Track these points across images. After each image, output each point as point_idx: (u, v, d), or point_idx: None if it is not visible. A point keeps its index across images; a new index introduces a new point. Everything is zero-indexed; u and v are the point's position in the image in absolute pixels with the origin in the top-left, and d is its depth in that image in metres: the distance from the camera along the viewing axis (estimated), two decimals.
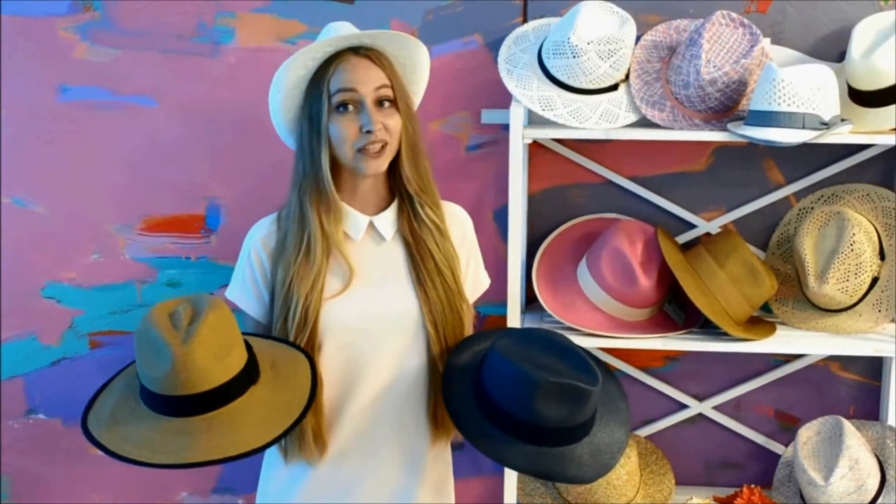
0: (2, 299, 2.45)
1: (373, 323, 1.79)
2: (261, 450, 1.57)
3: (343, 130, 1.74)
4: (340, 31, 1.80)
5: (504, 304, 2.13)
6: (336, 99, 1.75)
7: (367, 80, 1.74)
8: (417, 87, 1.91)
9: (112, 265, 2.42)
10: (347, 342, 1.79)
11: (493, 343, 1.75)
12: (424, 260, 1.82)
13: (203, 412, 1.57)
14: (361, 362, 1.80)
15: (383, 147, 1.76)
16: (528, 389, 1.65)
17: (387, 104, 1.77)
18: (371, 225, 1.83)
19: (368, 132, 1.73)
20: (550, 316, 2.19)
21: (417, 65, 1.85)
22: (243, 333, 1.71)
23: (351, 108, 1.75)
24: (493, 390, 1.71)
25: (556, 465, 1.68)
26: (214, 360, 1.56)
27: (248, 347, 1.66)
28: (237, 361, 1.61)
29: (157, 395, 1.57)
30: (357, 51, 1.77)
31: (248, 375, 1.63)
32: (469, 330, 1.91)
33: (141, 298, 2.43)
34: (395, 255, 1.84)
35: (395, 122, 1.76)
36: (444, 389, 1.79)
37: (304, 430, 1.78)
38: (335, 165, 1.80)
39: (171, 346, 1.53)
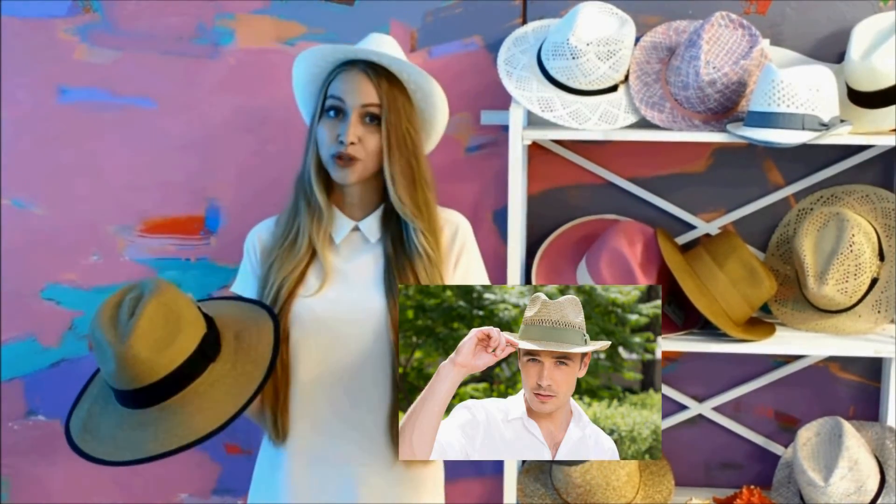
0: (1, 301, 2.45)
1: (336, 320, 1.79)
2: (217, 431, 1.57)
3: (324, 134, 1.78)
4: (375, 42, 1.84)
5: None
6: (327, 103, 1.79)
7: (355, 94, 1.76)
8: (432, 118, 1.88)
9: (112, 266, 2.42)
10: (312, 335, 1.80)
11: None
12: (402, 271, 1.79)
13: (159, 401, 1.58)
14: (326, 358, 1.81)
15: (353, 161, 1.76)
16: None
17: (374, 122, 1.77)
18: (356, 228, 1.85)
19: (341, 142, 1.75)
20: None
21: (427, 93, 1.84)
22: (215, 299, 1.75)
23: (339, 115, 1.78)
24: None
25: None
26: (157, 351, 1.56)
27: (210, 321, 1.66)
28: (188, 343, 1.60)
29: (113, 390, 1.61)
30: (360, 64, 1.78)
31: (205, 353, 1.62)
32: None
33: None
34: (373, 261, 1.83)
35: (373, 141, 1.77)
36: None
37: (265, 411, 1.81)
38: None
39: (111, 345, 1.54)
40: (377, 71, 1.78)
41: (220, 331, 1.67)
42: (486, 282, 1.94)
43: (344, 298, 1.80)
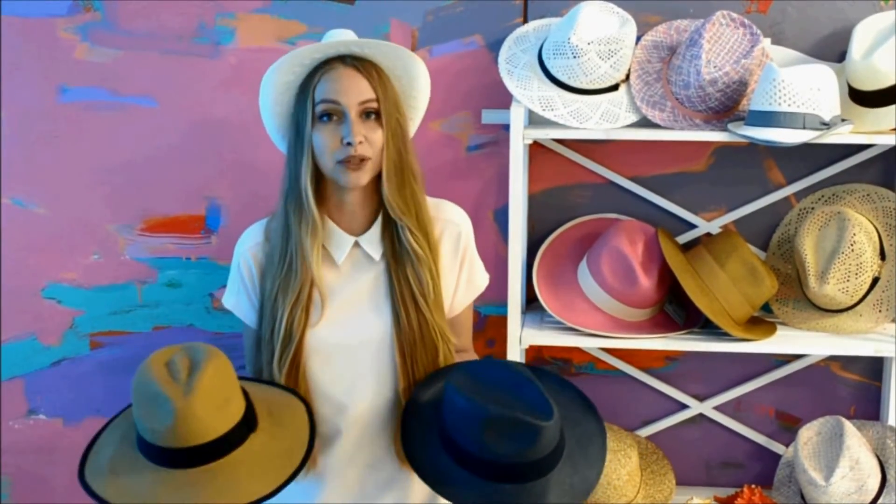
0: (2, 300, 2.45)
1: (349, 346, 1.78)
2: (266, 498, 1.57)
3: (324, 140, 1.70)
4: (338, 38, 1.76)
5: (504, 305, 2.13)
6: (319, 108, 1.71)
7: (351, 92, 1.69)
8: (417, 102, 1.84)
9: (112, 265, 2.42)
10: (329, 364, 1.78)
11: (448, 376, 1.70)
12: (402, 287, 1.77)
13: (205, 463, 1.56)
14: (342, 385, 1.79)
15: (363, 161, 1.70)
16: (476, 422, 1.59)
17: (371, 117, 1.72)
18: (356, 244, 1.80)
19: (349, 144, 1.68)
20: (551, 316, 2.19)
21: (413, 76, 1.79)
22: (239, 379, 1.72)
23: (334, 118, 1.71)
24: (449, 425, 1.66)
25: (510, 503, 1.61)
26: (215, 411, 1.56)
27: (245, 394, 1.66)
28: (237, 410, 1.60)
29: (158, 448, 1.56)
30: (345, 60, 1.72)
31: (248, 424, 1.62)
32: (444, 362, 1.84)
33: (141, 299, 2.43)
34: (376, 277, 1.80)
35: (378, 136, 1.71)
36: (403, 424, 1.75)
37: None
38: (321, 178, 1.76)
39: (172, 399, 1.52)
40: (364, 63, 1.72)
41: (254, 405, 1.67)
42: (484, 274, 1.95)
43: (352, 322, 1.78)
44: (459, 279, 1.88)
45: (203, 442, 1.55)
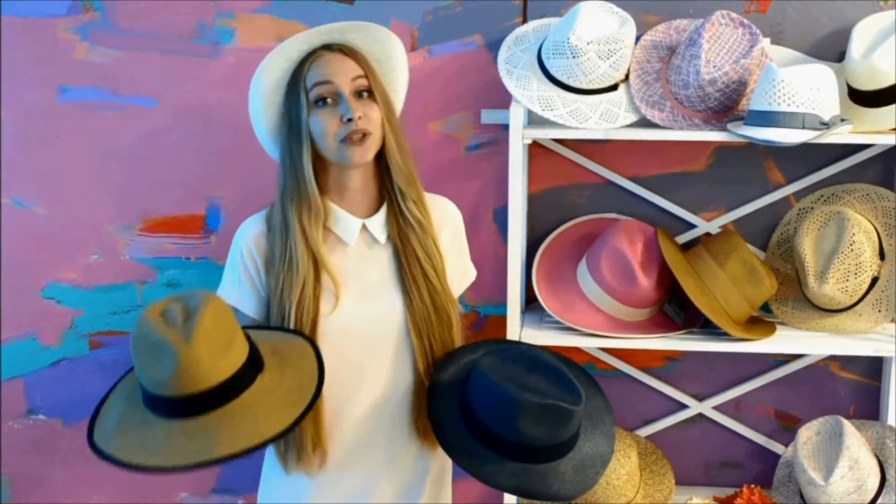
0: (2, 299, 2.45)
1: (362, 330, 1.79)
2: (285, 433, 1.55)
3: (324, 122, 1.74)
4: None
5: (504, 305, 2.13)
6: (314, 93, 1.75)
7: (342, 72, 1.75)
8: (397, 85, 1.89)
9: (112, 265, 2.42)
10: (341, 349, 1.78)
11: (477, 360, 1.74)
12: (410, 264, 1.81)
13: (216, 407, 1.53)
14: (355, 369, 1.80)
15: (365, 136, 1.74)
16: (511, 409, 1.65)
17: (365, 95, 1.77)
18: (364, 227, 1.82)
19: (349, 120, 1.72)
20: (550, 316, 2.19)
21: (392, 56, 1.84)
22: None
23: (330, 100, 1.75)
24: (478, 408, 1.71)
25: (539, 483, 1.68)
26: (218, 353, 1.52)
27: (247, 336, 1.64)
28: (240, 351, 1.57)
29: (166, 399, 1.52)
30: (331, 48, 1.78)
31: (254, 364, 1.60)
32: (458, 331, 1.88)
33: (141, 299, 2.43)
34: (385, 260, 1.83)
35: (375, 112, 1.76)
36: (429, 405, 1.78)
37: (303, 440, 1.77)
38: (321, 167, 1.79)
39: (172, 345, 1.48)
40: (347, 47, 1.78)
41: (257, 345, 1.65)
42: (473, 268, 1.99)
43: (365, 306, 1.80)
44: (456, 269, 1.93)
45: (209, 386, 1.51)
